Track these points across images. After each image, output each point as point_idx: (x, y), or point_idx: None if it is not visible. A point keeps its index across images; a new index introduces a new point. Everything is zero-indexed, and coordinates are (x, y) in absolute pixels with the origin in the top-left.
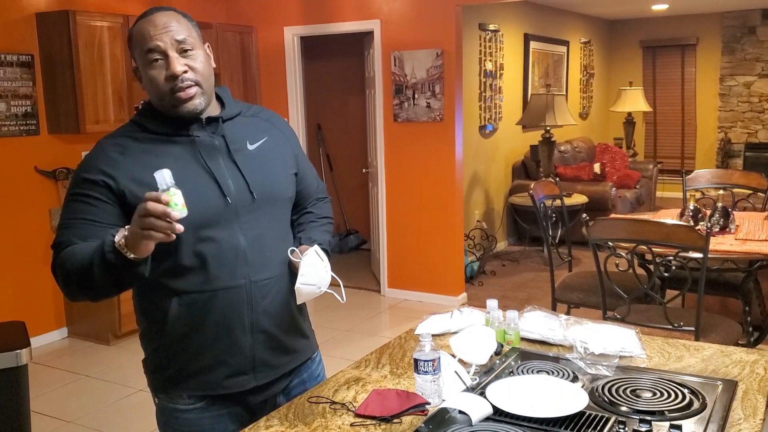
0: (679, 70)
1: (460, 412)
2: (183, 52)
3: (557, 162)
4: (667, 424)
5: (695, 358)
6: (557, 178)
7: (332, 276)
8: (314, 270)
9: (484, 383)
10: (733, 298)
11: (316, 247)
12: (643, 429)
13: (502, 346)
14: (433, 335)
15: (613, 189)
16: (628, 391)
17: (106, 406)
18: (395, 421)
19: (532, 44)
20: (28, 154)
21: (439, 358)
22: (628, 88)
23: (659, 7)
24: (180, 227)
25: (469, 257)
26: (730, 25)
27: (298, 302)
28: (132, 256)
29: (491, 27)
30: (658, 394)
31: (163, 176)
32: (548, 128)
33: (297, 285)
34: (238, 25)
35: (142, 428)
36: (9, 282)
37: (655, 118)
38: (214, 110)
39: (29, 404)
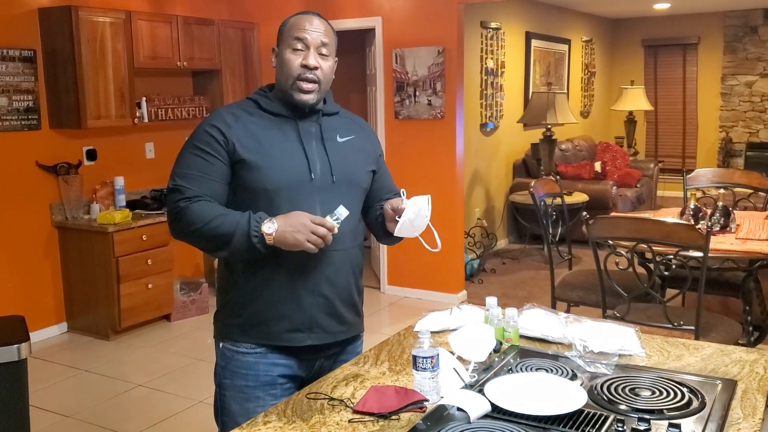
0: (680, 69)
1: (459, 409)
2: (321, 54)
3: (558, 160)
4: (665, 422)
5: (695, 357)
6: (558, 177)
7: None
8: (418, 210)
9: (482, 380)
10: (734, 298)
11: (428, 196)
12: (642, 428)
13: (501, 343)
14: (432, 332)
15: (614, 188)
16: (627, 390)
17: (105, 401)
18: (393, 417)
19: (534, 42)
20: (30, 148)
21: (438, 355)
22: (630, 86)
23: (661, 6)
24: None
25: (469, 255)
26: (731, 25)
27: (396, 234)
28: (272, 244)
29: (493, 25)
30: (657, 393)
31: (341, 212)
32: (549, 126)
33: (402, 219)
34: (239, 21)
35: (141, 423)
36: (9, 276)
37: (657, 117)
38: (318, 105)
39: (28, 399)
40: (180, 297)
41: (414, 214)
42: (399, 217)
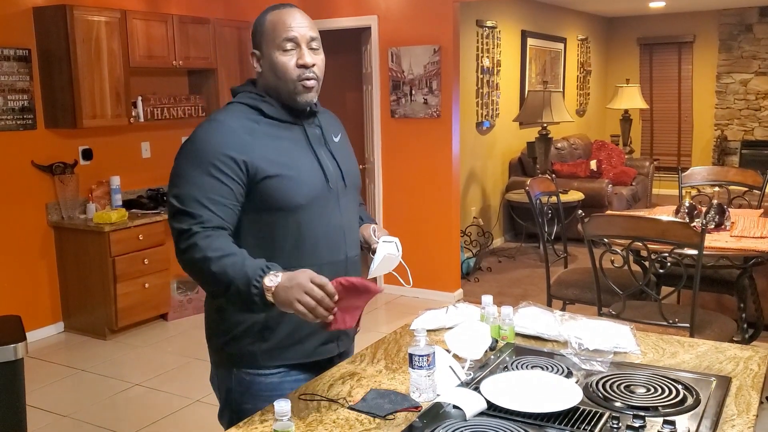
0: (676, 67)
1: (455, 407)
2: (312, 49)
3: (554, 159)
4: (660, 419)
5: (689, 354)
6: (554, 175)
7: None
8: (386, 253)
9: (478, 378)
10: (728, 295)
11: (396, 240)
12: (637, 424)
13: (496, 341)
14: (428, 330)
15: (610, 186)
16: (622, 387)
17: (102, 401)
18: (389, 417)
19: (530, 41)
20: (25, 148)
21: (434, 353)
22: (625, 85)
23: (656, 5)
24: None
25: (465, 253)
26: (727, 23)
27: (370, 277)
28: (272, 301)
29: (488, 23)
30: (652, 390)
31: None
32: (545, 125)
33: (372, 264)
34: (235, 20)
35: (138, 422)
36: (5, 276)
37: (652, 116)
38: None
39: (25, 398)
40: (177, 296)
41: (383, 256)
42: (372, 255)
